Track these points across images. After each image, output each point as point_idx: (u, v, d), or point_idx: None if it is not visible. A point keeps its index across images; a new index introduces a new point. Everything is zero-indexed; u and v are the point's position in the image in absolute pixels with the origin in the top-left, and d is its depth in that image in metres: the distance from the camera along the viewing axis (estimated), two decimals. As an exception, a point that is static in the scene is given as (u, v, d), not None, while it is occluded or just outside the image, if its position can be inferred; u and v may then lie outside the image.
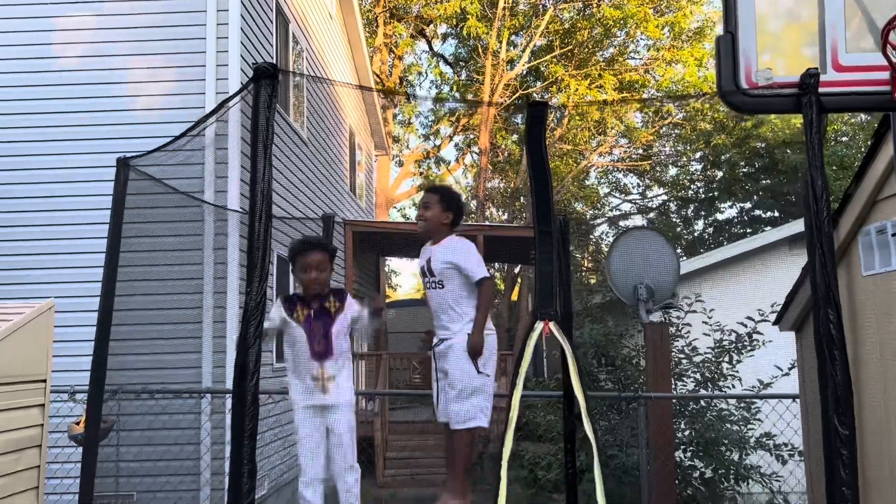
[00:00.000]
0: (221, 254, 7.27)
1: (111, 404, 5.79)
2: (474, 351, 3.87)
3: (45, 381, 4.71)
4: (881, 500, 3.18)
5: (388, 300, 18.75)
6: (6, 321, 4.40)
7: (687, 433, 6.74)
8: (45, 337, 4.74)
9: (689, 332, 7.19)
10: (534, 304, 2.41)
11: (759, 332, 6.89)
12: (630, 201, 29.96)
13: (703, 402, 6.94)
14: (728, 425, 6.77)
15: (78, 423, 4.79)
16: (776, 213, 24.48)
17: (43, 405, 4.70)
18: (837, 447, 2.18)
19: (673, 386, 6.33)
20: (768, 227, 16.39)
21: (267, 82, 2.18)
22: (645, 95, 24.98)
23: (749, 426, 6.77)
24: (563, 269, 4.55)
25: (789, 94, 2.47)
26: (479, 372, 3.90)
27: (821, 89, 2.45)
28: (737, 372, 6.95)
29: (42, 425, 4.67)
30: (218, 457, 6.84)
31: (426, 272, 4.04)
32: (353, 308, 3.77)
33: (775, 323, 4.57)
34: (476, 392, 3.91)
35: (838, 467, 2.17)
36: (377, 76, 21.97)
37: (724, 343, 7.05)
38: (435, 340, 4.12)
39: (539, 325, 2.34)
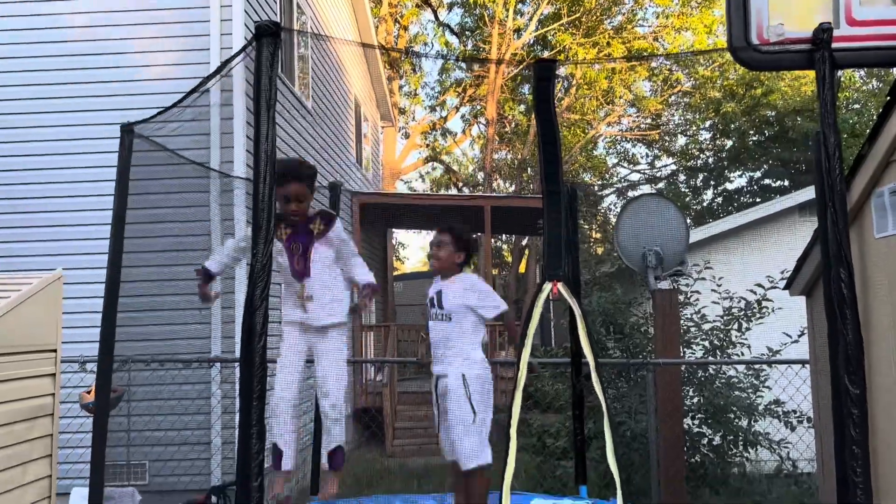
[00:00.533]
0: (229, 224, 7.28)
1: (121, 374, 5.83)
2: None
3: (55, 350, 4.74)
4: (892, 461, 3.17)
5: (395, 273, 18.75)
6: (15, 291, 4.42)
7: (695, 400, 6.74)
8: (55, 307, 4.76)
9: (697, 299, 7.16)
10: (542, 266, 2.39)
11: (768, 300, 6.86)
12: (638, 171, 29.80)
13: (711, 370, 6.92)
14: (737, 392, 6.77)
15: (89, 392, 4.82)
16: (786, 182, 24.27)
17: (54, 374, 4.73)
18: (848, 406, 2.17)
19: (681, 353, 6.32)
20: (778, 196, 16.28)
21: (269, 41, 2.15)
22: (654, 64, 24.73)
23: (758, 393, 6.77)
24: (571, 237, 4.53)
25: (801, 49, 2.42)
26: (474, 413, 3.93)
27: (834, 45, 2.41)
28: (745, 339, 6.92)
29: (53, 394, 4.71)
30: (228, 426, 6.90)
31: (434, 304, 4.10)
32: (338, 236, 3.72)
33: (786, 287, 4.55)
34: (474, 432, 3.95)
35: (849, 426, 2.15)
36: (382, 47, 21.78)
37: (734, 310, 7.02)
38: (434, 376, 4.14)
39: (547, 286, 2.33)
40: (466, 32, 25.67)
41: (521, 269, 25.78)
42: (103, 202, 6.81)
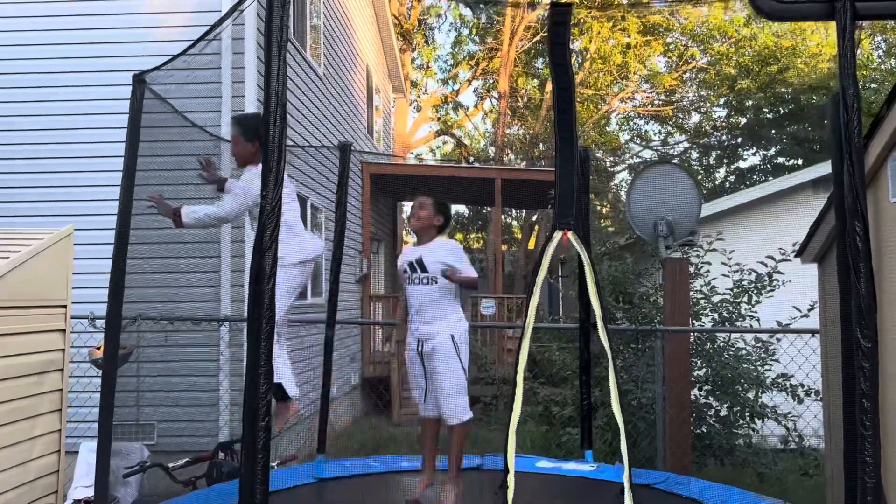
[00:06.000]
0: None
1: (130, 334, 5.86)
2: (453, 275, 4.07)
3: (65, 306, 4.77)
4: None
5: (405, 245, 18.72)
6: (25, 246, 4.44)
7: (703, 371, 6.73)
8: (65, 263, 4.78)
9: (707, 271, 7.12)
10: (553, 213, 2.37)
11: (779, 272, 6.82)
12: (651, 148, 29.57)
13: (721, 341, 6.90)
14: (745, 365, 6.75)
15: (99, 348, 4.85)
16: (800, 161, 24.01)
17: (64, 330, 4.77)
18: (859, 360, 2.14)
19: (690, 324, 6.29)
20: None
21: (281, -21, 2.13)
22: (669, 39, 24.46)
23: (766, 366, 6.75)
24: (581, 199, 4.52)
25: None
26: (465, 371, 4.16)
27: (856, -5, 2.35)
28: (755, 312, 6.89)
29: (63, 350, 4.74)
30: (236, 387, 6.95)
31: (416, 268, 4.24)
32: None
33: (798, 255, 4.52)
34: (463, 389, 4.18)
35: (859, 379, 2.13)
36: (396, 18, 21.61)
37: (744, 283, 6.98)
38: (414, 340, 4.25)
39: (557, 235, 2.30)
40: (480, 4, 25.41)
41: (531, 245, 25.70)
42: (116, 161, 6.83)
